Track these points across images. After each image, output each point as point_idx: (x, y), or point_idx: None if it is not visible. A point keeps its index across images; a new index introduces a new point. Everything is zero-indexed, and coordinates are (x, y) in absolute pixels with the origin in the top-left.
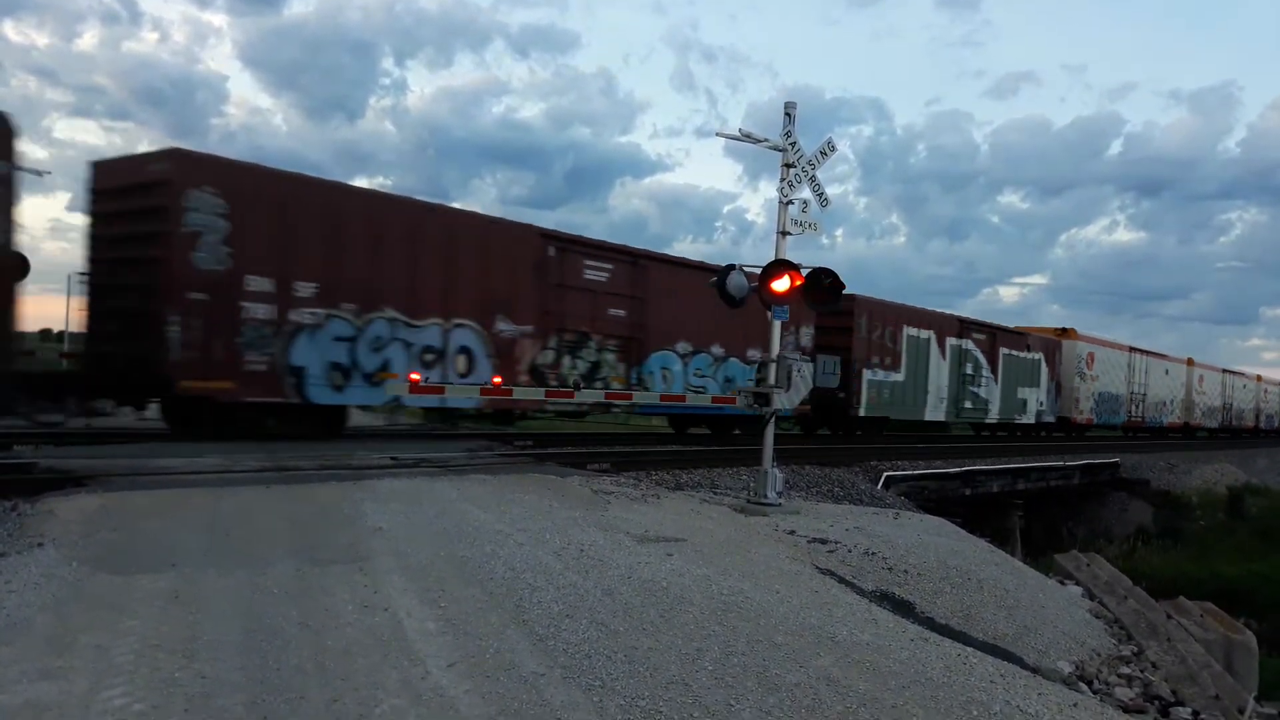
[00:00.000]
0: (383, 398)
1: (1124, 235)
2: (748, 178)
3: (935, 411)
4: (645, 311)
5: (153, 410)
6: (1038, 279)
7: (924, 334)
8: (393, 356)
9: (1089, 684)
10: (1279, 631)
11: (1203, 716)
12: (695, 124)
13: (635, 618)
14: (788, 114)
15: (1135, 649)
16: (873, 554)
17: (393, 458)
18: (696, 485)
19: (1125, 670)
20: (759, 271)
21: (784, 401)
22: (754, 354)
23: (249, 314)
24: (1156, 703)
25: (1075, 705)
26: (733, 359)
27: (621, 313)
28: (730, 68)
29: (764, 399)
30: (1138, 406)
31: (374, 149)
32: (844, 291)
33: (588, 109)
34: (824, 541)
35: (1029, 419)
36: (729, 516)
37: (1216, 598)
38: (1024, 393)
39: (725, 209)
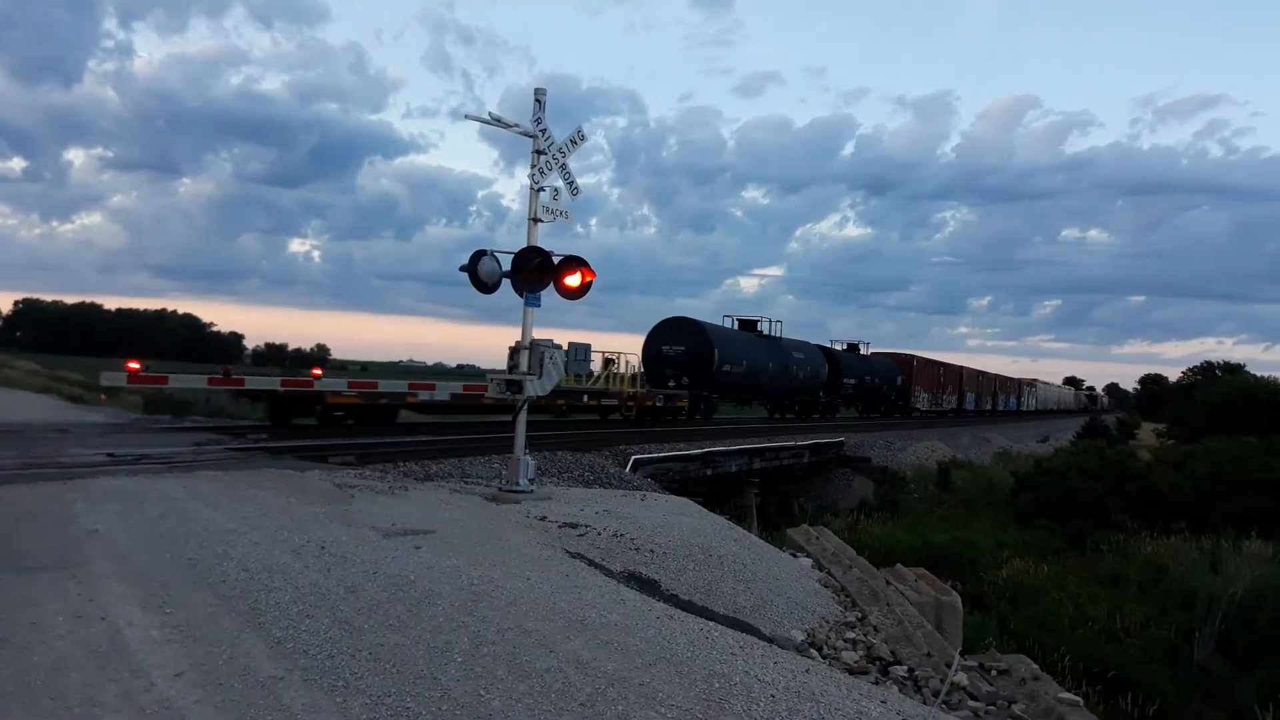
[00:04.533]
0: None
1: (853, 231)
2: (504, 163)
3: None
4: None
5: None
6: (775, 271)
7: None
8: None
9: (819, 650)
10: (980, 591)
11: (916, 673)
12: (451, 105)
13: (381, 614)
14: (538, 100)
15: (859, 615)
16: (621, 535)
17: (109, 454)
18: (447, 475)
19: (850, 635)
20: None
21: (536, 388)
22: None
23: None
24: (878, 663)
25: (807, 671)
26: None
27: None
28: (488, 51)
29: (516, 386)
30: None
31: (93, 117)
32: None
33: (336, 84)
34: (574, 526)
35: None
36: (480, 506)
37: (928, 563)
38: None
39: (480, 194)
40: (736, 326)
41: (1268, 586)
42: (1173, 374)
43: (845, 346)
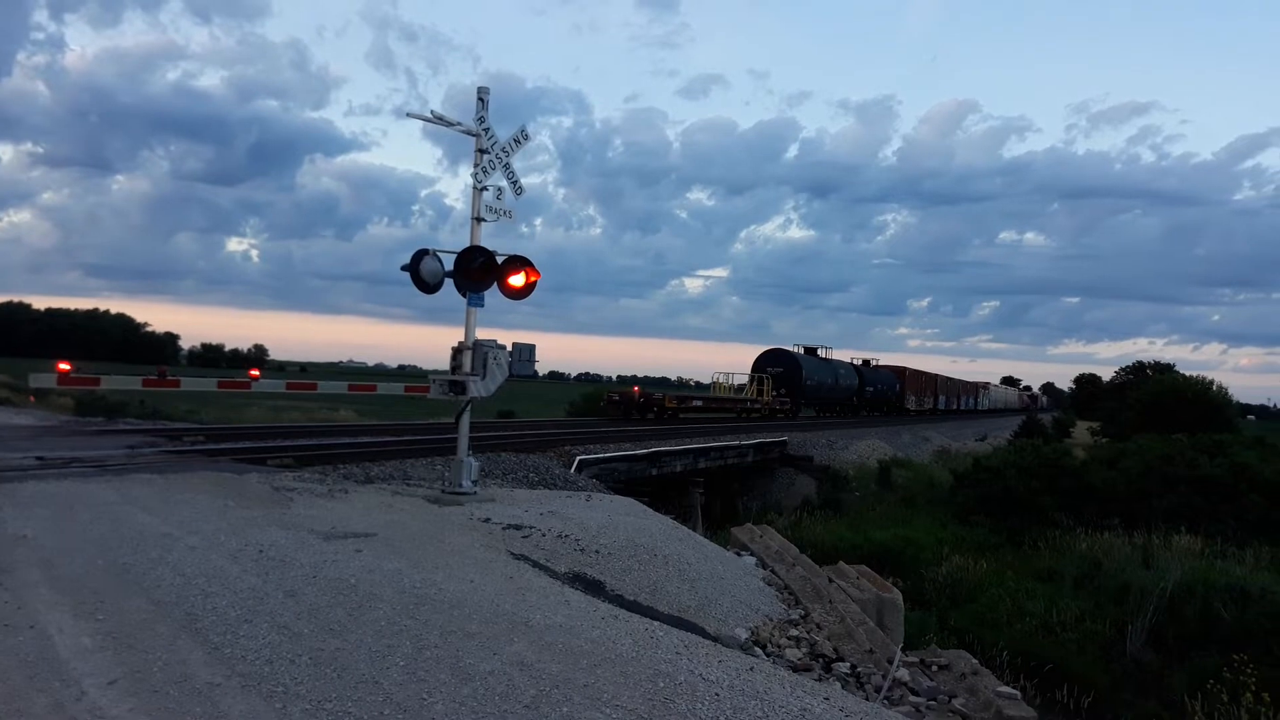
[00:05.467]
0: None
1: (796, 233)
2: (448, 162)
3: None
4: None
5: None
6: (719, 272)
7: None
8: None
9: (763, 648)
10: (921, 587)
11: (859, 669)
12: (395, 103)
13: (321, 619)
14: (481, 99)
15: (803, 612)
16: (566, 536)
17: (39, 457)
18: (389, 478)
19: (794, 632)
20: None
21: (480, 389)
22: None
23: None
24: (821, 660)
25: (751, 669)
26: None
27: None
28: (432, 49)
29: (460, 387)
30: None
31: (22, 111)
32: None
33: (276, 81)
34: (519, 527)
35: None
36: (423, 508)
37: (870, 560)
38: None
39: (424, 193)
40: (803, 351)
41: (1196, 580)
42: (1106, 373)
43: (862, 362)
